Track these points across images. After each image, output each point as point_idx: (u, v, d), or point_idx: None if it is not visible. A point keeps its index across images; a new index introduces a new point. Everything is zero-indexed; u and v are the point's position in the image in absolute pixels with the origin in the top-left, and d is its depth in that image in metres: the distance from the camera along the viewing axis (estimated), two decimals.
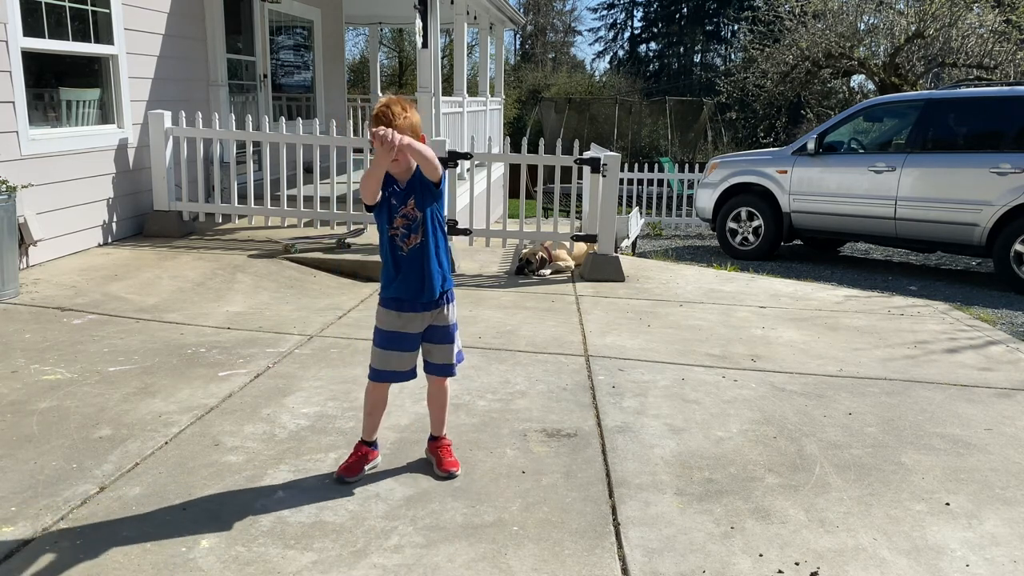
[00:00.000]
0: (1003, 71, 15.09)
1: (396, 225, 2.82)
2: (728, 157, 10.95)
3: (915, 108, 8.86)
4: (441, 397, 3.09)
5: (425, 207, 2.82)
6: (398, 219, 2.81)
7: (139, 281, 5.64)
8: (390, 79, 34.63)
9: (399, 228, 2.82)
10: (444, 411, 3.11)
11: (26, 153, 5.68)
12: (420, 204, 2.81)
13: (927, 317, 5.89)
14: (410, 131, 2.74)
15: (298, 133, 7.41)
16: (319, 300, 5.61)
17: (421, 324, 2.91)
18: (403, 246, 2.82)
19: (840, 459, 3.27)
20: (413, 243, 2.82)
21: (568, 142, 7.87)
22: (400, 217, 2.80)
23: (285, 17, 10.23)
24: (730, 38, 42.95)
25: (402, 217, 2.80)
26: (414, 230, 2.81)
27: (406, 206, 2.79)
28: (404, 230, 2.81)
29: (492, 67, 14.76)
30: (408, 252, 2.83)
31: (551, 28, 49.59)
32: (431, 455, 3.10)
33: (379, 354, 2.92)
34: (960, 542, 2.66)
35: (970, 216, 8.07)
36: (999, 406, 3.98)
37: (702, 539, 2.63)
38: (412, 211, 2.80)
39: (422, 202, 2.81)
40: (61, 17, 6.10)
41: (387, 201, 2.82)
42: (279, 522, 2.65)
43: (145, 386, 3.80)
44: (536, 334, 4.96)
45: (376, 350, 2.93)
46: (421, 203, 2.81)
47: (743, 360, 4.58)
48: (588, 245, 6.90)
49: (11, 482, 2.84)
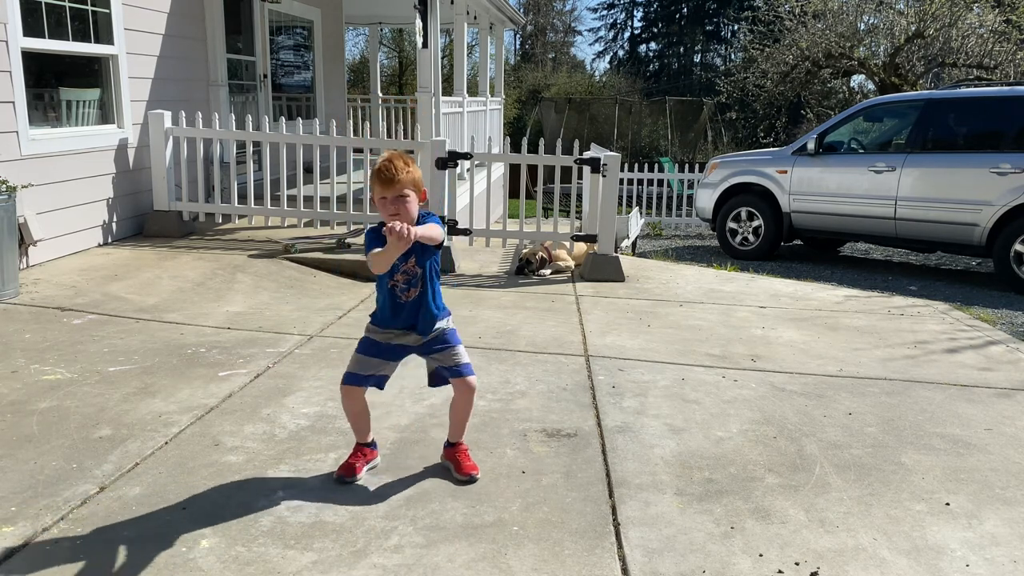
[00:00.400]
0: (1003, 71, 15.09)
1: (397, 280, 2.89)
2: (728, 157, 10.95)
3: (915, 108, 8.87)
4: (466, 403, 3.03)
5: (425, 263, 2.90)
6: (399, 275, 2.88)
7: (139, 281, 5.64)
8: (390, 79, 34.63)
9: (399, 282, 2.89)
10: (467, 418, 3.08)
11: (26, 153, 5.68)
12: (420, 262, 2.89)
13: (927, 317, 5.89)
14: (412, 186, 2.78)
15: (298, 133, 7.41)
16: (319, 300, 5.61)
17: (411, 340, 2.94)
18: (402, 296, 2.90)
19: (840, 459, 3.27)
20: (412, 296, 2.90)
21: (568, 142, 7.88)
22: (401, 273, 2.88)
23: (285, 17, 10.23)
24: (730, 38, 42.97)
25: (403, 273, 2.88)
26: (414, 284, 2.89)
27: (406, 263, 2.85)
28: (404, 284, 2.89)
29: (492, 67, 14.76)
30: (406, 303, 2.91)
31: (551, 28, 49.61)
32: (449, 460, 3.08)
33: (357, 359, 2.96)
34: (960, 542, 2.66)
35: (970, 216, 8.07)
36: (999, 406, 3.98)
37: (702, 539, 2.63)
38: (412, 268, 2.87)
39: (422, 260, 2.89)
40: (61, 17, 6.10)
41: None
42: (279, 522, 2.65)
43: (145, 386, 3.80)
44: (536, 334, 4.96)
45: (356, 355, 2.97)
46: (421, 261, 2.89)
47: (743, 360, 4.58)
48: (588, 245, 6.90)
49: (11, 482, 2.84)
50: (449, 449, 3.10)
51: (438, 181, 6.66)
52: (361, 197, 7.27)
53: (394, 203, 2.74)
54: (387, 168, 2.75)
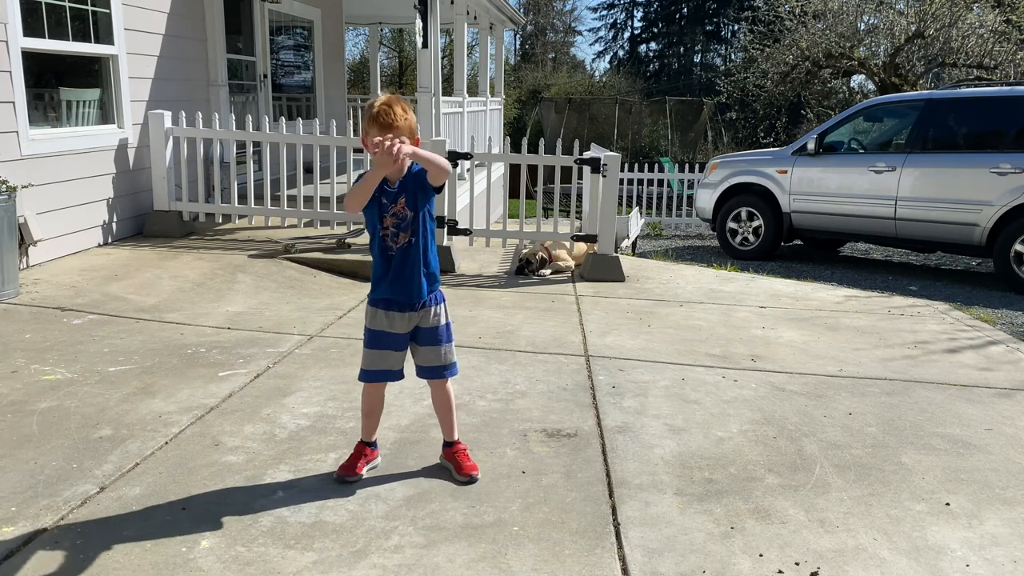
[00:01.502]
0: (1003, 71, 15.10)
1: (386, 225, 2.78)
2: (728, 157, 10.95)
3: (915, 108, 8.86)
4: (442, 400, 3.04)
5: (418, 207, 2.78)
6: (388, 218, 2.77)
7: (139, 281, 5.64)
8: (390, 79, 34.62)
9: (389, 228, 2.78)
10: (451, 414, 3.05)
11: (26, 153, 5.68)
12: (412, 203, 2.77)
13: (927, 317, 5.89)
14: (408, 133, 2.70)
15: (298, 133, 7.41)
16: (319, 300, 5.61)
17: (407, 324, 2.88)
18: (392, 245, 2.80)
19: (840, 459, 3.27)
20: (402, 242, 2.79)
21: (568, 142, 7.88)
22: (391, 216, 2.77)
23: (285, 17, 10.23)
24: (730, 38, 42.99)
25: (392, 216, 2.77)
26: (403, 229, 2.78)
27: (396, 204, 2.75)
28: (394, 229, 2.78)
29: (492, 67, 14.76)
30: (397, 251, 2.80)
31: (551, 28, 49.60)
32: (447, 461, 3.04)
33: (368, 354, 2.91)
34: (960, 542, 2.66)
35: (970, 216, 8.07)
36: (999, 406, 3.98)
37: (702, 539, 2.63)
38: (402, 210, 2.76)
39: (414, 202, 2.77)
40: (61, 17, 6.10)
41: (377, 200, 2.78)
42: (279, 522, 2.65)
43: (145, 386, 3.80)
44: (536, 334, 4.96)
45: (365, 351, 2.92)
46: (413, 203, 2.77)
47: (743, 360, 4.58)
48: (588, 245, 6.90)
49: (11, 482, 2.84)
50: (447, 449, 3.07)
51: None
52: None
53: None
54: (386, 112, 2.65)
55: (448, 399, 3.04)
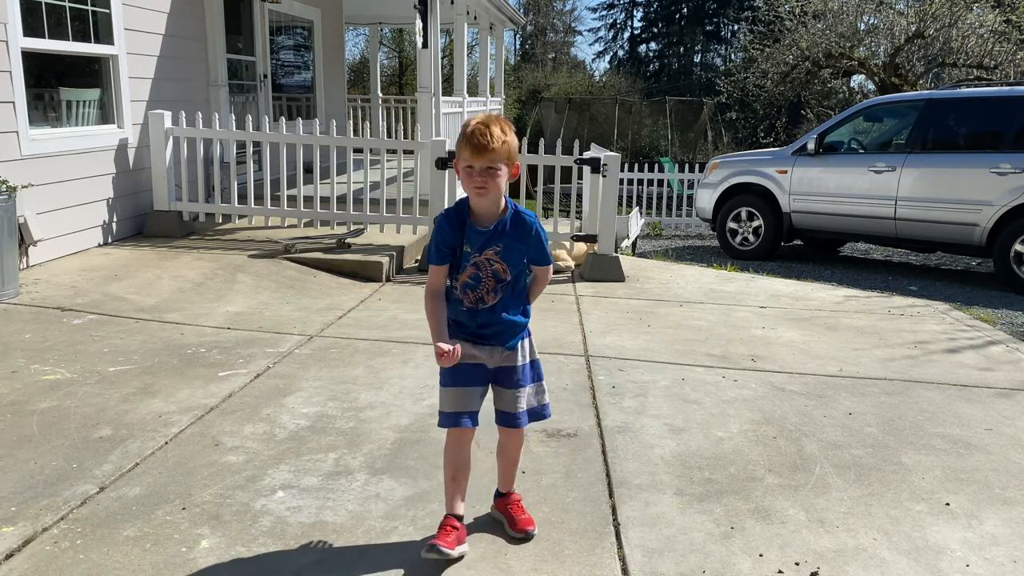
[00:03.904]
0: (1003, 71, 15.10)
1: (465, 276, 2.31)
2: (728, 157, 10.95)
3: (915, 108, 8.86)
4: (510, 451, 2.62)
5: (516, 266, 2.30)
6: (469, 268, 2.29)
7: (139, 281, 5.64)
8: (390, 79, 34.61)
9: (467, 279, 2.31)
10: (514, 467, 2.65)
11: (26, 153, 5.68)
12: (506, 257, 2.30)
13: (927, 317, 5.89)
14: (506, 158, 2.30)
15: (298, 133, 7.41)
16: (319, 300, 5.61)
17: (489, 358, 2.46)
18: (464, 300, 2.33)
19: (840, 459, 3.27)
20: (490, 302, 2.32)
21: (568, 142, 7.87)
22: (471, 267, 2.29)
23: (285, 17, 10.23)
24: (730, 38, 42.98)
25: (473, 267, 2.29)
26: (490, 289, 2.31)
27: (481, 254, 2.28)
28: (472, 281, 2.30)
29: (492, 67, 14.76)
30: (469, 309, 2.34)
31: (551, 28, 49.59)
32: (500, 513, 2.64)
33: (444, 393, 2.45)
34: (960, 542, 2.66)
35: (970, 216, 8.07)
36: (999, 406, 3.98)
37: (702, 539, 2.63)
38: (494, 261, 2.29)
39: (508, 256, 2.30)
40: (61, 17, 6.10)
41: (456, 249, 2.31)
42: (279, 522, 2.65)
43: (145, 386, 3.80)
44: (536, 334, 4.93)
45: (441, 390, 2.46)
46: (507, 257, 2.30)
47: (743, 360, 4.58)
48: (588, 245, 6.90)
49: (11, 482, 2.84)
50: (500, 500, 2.66)
51: (438, 181, 6.67)
52: (361, 197, 7.27)
53: (482, 175, 2.29)
54: (481, 133, 2.26)
55: (518, 449, 2.65)
